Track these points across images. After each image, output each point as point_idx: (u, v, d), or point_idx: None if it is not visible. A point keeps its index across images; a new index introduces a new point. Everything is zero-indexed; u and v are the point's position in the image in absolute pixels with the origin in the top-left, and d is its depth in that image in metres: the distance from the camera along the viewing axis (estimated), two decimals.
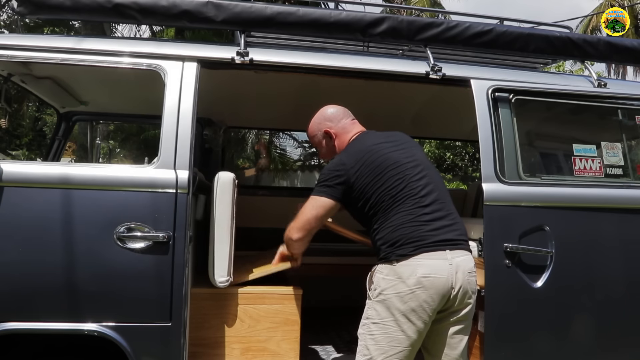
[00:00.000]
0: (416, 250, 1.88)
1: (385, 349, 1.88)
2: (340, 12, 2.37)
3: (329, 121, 2.19)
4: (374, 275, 1.97)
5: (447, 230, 1.95)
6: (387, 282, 1.90)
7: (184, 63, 2.15)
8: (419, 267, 1.87)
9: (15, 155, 15.04)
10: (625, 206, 2.39)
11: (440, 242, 1.91)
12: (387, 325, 1.89)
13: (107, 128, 15.07)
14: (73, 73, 2.67)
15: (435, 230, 1.92)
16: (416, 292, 1.86)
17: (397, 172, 1.96)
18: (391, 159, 2.00)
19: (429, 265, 1.88)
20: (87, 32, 7.93)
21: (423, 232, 1.90)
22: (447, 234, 1.94)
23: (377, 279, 1.94)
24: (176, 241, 1.97)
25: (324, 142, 2.22)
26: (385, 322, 1.89)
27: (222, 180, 2.18)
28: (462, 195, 4.12)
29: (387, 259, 1.92)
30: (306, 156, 18.96)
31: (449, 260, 1.90)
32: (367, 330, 1.94)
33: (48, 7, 2.15)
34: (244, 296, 2.20)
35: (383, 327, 1.89)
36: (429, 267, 1.87)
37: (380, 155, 2.00)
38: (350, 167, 1.98)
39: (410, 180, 1.96)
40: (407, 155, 2.03)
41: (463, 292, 1.91)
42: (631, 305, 2.32)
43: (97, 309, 1.93)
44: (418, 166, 2.02)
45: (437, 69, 2.32)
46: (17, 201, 1.93)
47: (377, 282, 1.94)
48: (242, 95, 3.29)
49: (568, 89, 2.46)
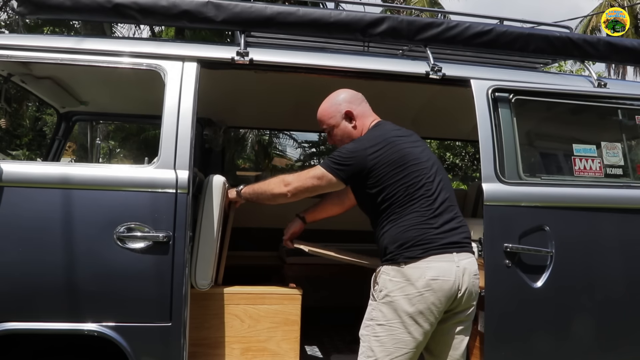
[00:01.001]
0: (425, 252, 1.88)
1: (391, 351, 1.87)
2: (340, 12, 2.36)
3: (349, 102, 2.13)
4: (379, 276, 1.95)
5: (454, 232, 1.95)
6: (395, 284, 1.89)
7: (184, 63, 2.15)
8: (428, 270, 1.86)
9: (15, 155, 15.03)
10: (625, 206, 2.39)
11: (448, 244, 1.91)
12: (393, 327, 1.87)
13: (107, 128, 15.06)
14: (73, 73, 2.66)
15: (444, 233, 1.92)
16: (425, 294, 1.85)
17: (416, 169, 1.94)
18: (412, 154, 1.97)
19: (437, 268, 1.87)
20: (87, 32, 7.91)
21: (432, 235, 1.90)
22: (455, 237, 1.94)
23: (383, 281, 1.92)
24: (176, 241, 1.97)
25: (342, 125, 2.13)
26: (392, 323, 1.88)
27: (213, 183, 2.17)
28: (462, 195, 4.11)
29: (394, 260, 1.91)
30: (306, 156, 18.97)
31: (457, 263, 1.90)
32: (371, 331, 1.92)
33: (48, 7, 2.15)
34: (244, 296, 2.20)
35: (389, 328, 1.88)
36: (438, 270, 1.87)
37: (402, 147, 1.97)
38: (371, 152, 1.94)
39: (427, 180, 1.95)
40: (425, 154, 2.03)
41: (468, 293, 1.92)
42: (631, 305, 2.32)
43: (97, 309, 1.93)
44: (434, 166, 2.01)
45: (437, 69, 2.32)
46: (17, 201, 1.93)
47: (382, 284, 1.92)
48: (242, 95, 3.29)
49: (568, 89, 2.46)
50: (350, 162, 1.97)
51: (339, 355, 2.50)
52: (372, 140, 1.99)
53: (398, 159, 1.94)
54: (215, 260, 2.16)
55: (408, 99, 3.41)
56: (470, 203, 3.92)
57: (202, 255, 2.14)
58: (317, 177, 2.02)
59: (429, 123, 3.89)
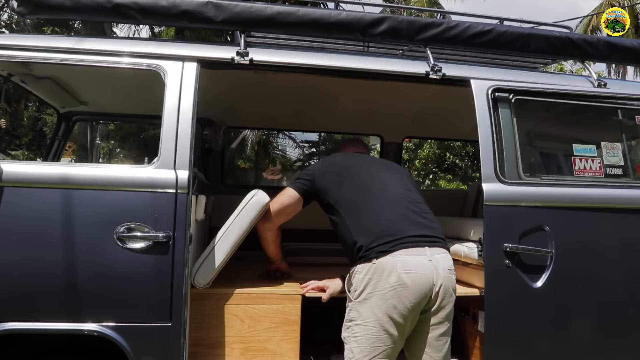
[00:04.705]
0: (395, 246, 1.89)
1: (369, 351, 1.87)
2: (340, 12, 2.37)
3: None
4: (354, 276, 1.96)
5: (423, 227, 1.98)
6: (367, 281, 1.90)
7: (184, 63, 2.15)
8: (399, 263, 1.87)
9: (15, 155, 15.02)
10: (625, 206, 2.39)
11: (418, 237, 1.93)
12: (368, 326, 1.88)
13: (107, 128, 15.06)
14: (73, 73, 2.67)
15: (411, 225, 1.95)
16: (397, 288, 1.85)
17: (368, 176, 2.12)
18: (357, 164, 2.19)
19: (409, 261, 1.88)
20: (87, 32, 7.92)
21: (400, 228, 1.93)
22: (424, 230, 1.96)
23: (357, 280, 1.94)
24: (176, 241, 1.97)
25: None
26: (367, 322, 1.88)
27: (257, 199, 2.19)
28: (462, 195, 4.11)
29: (365, 257, 1.92)
30: (305, 157, 18.97)
31: (429, 257, 1.90)
32: (350, 332, 1.93)
33: (48, 7, 2.15)
34: (244, 296, 2.20)
35: (365, 327, 1.88)
36: (410, 264, 1.87)
37: (349, 163, 2.21)
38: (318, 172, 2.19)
39: (384, 182, 2.10)
40: (380, 164, 2.24)
41: (444, 289, 1.91)
42: (631, 305, 2.32)
43: (97, 309, 1.93)
44: (392, 172, 2.18)
45: (437, 69, 2.32)
46: (17, 201, 1.93)
47: (356, 283, 1.94)
48: (242, 95, 3.29)
49: (568, 89, 2.46)
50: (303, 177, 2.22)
51: (339, 355, 2.49)
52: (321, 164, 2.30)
53: (341, 170, 2.16)
54: (220, 267, 2.17)
55: (408, 99, 3.40)
56: (470, 203, 3.92)
57: (211, 257, 2.16)
58: (281, 194, 2.23)
59: (429, 123, 3.89)
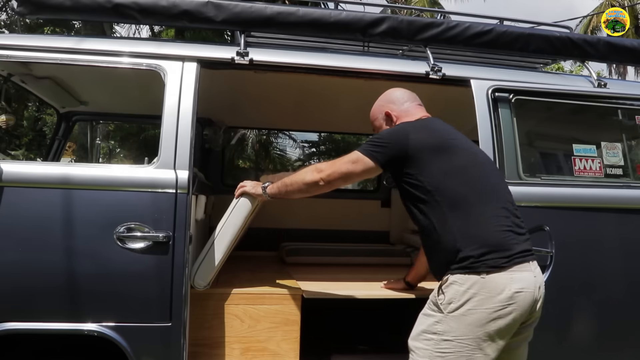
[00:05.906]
0: (509, 262, 1.68)
1: None
2: (340, 12, 2.37)
3: (391, 103, 2.05)
4: (450, 286, 1.71)
5: (526, 239, 1.78)
6: (470, 295, 1.67)
7: (183, 63, 2.15)
8: (512, 281, 1.67)
9: (15, 155, 15.02)
10: (625, 206, 2.39)
11: (525, 252, 1.74)
12: (462, 344, 1.67)
13: (107, 128, 15.06)
14: (73, 73, 2.66)
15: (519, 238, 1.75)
16: (508, 308, 1.66)
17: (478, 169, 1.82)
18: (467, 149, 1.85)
19: (521, 279, 1.69)
20: (87, 32, 7.92)
21: (512, 241, 1.72)
22: (528, 244, 1.78)
23: (455, 292, 1.69)
24: (176, 241, 1.97)
25: (384, 126, 2.05)
26: (461, 340, 1.67)
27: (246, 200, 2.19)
28: None
29: (472, 269, 1.68)
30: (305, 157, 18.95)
31: (534, 273, 1.74)
32: (433, 346, 1.70)
33: (48, 7, 2.15)
34: (244, 296, 2.20)
35: (458, 345, 1.67)
36: (521, 281, 1.68)
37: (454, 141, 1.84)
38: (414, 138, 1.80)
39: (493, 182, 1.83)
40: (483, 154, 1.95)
41: (541, 303, 1.77)
42: (631, 305, 2.32)
43: (97, 309, 1.93)
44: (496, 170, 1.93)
45: (437, 69, 2.32)
46: (17, 201, 1.93)
47: (453, 295, 1.69)
48: (242, 95, 3.29)
49: (568, 89, 2.46)
50: (388, 143, 1.83)
51: (339, 355, 2.50)
52: (413, 125, 1.89)
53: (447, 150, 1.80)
54: (219, 267, 2.17)
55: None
56: None
57: (209, 258, 2.16)
58: (352, 161, 1.88)
59: None
